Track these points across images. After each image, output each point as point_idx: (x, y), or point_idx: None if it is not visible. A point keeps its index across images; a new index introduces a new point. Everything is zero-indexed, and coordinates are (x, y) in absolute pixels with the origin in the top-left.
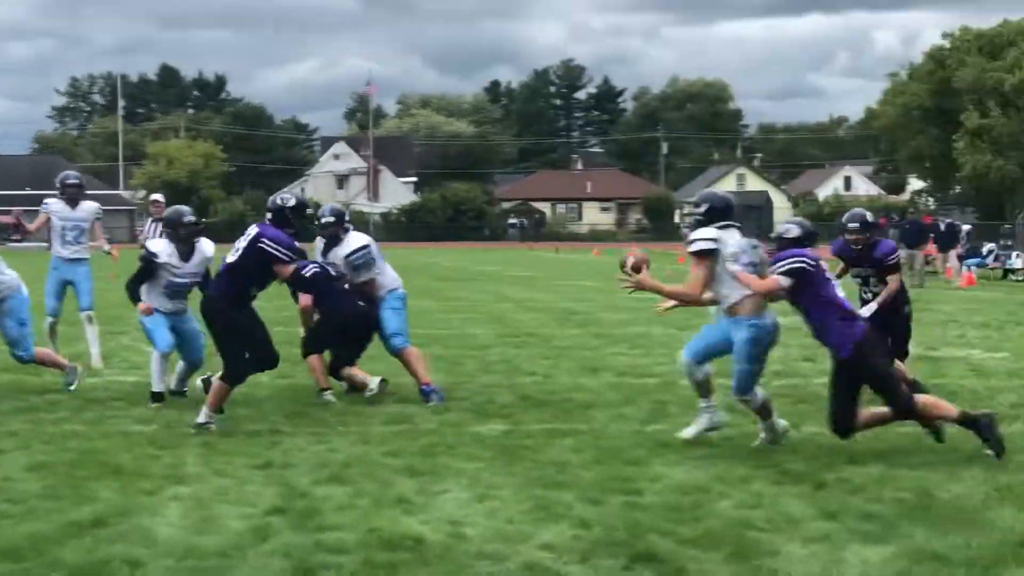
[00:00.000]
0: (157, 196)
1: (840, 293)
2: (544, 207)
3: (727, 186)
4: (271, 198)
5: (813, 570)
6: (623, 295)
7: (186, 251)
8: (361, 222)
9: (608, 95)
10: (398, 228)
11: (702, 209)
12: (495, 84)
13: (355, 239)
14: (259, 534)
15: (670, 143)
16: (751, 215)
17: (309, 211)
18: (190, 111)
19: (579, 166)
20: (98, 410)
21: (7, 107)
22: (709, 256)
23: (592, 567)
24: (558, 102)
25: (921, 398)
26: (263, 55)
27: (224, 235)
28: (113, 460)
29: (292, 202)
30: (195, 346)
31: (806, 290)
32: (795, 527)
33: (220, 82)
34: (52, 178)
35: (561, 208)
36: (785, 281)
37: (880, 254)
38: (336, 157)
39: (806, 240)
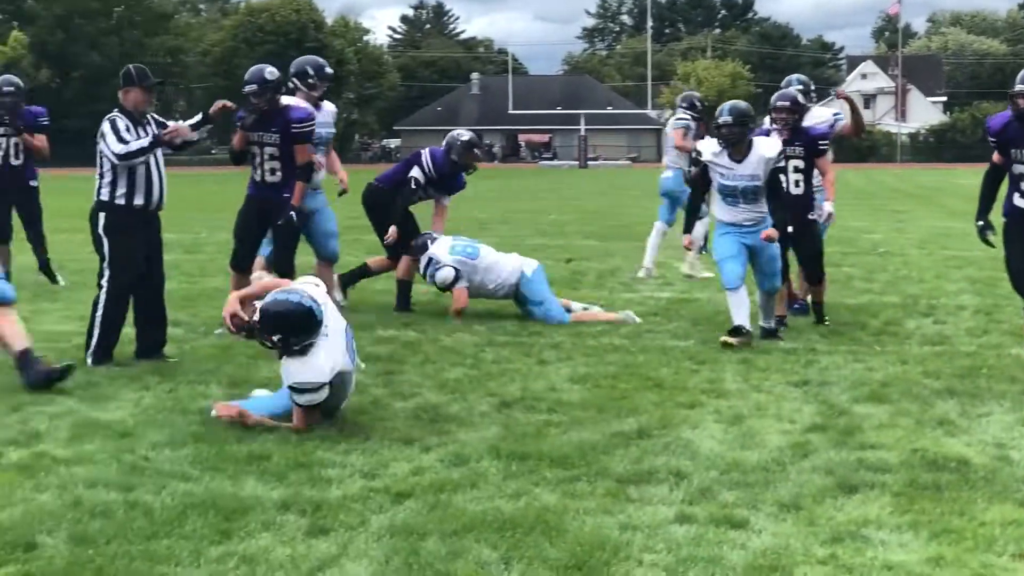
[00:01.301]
0: None
1: None
2: None
3: None
4: None
5: None
6: None
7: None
8: (888, 143)
9: None
10: (926, 148)
11: None
12: None
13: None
14: (799, 450)
15: None
16: None
17: None
18: (716, 31)
19: None
20: (636, 325)
21: (540, 29)
22: None
23: None
24: None
25: None
26: None
27: None
28: (653, 374)
29: None
30: (771, 271)
31: None
32: None
33: (747, 2)
34: (582, 98)
35: None
36: None
37: None
38: (863, 76)
39: None
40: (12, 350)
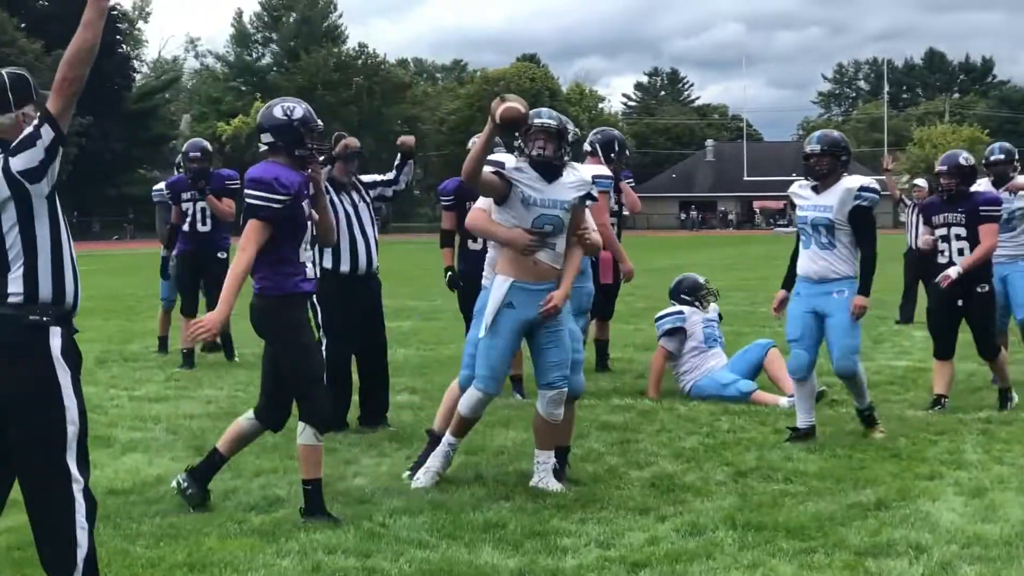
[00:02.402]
0: (919, 181)
1: None
2: None
3: None
4: None
5: None
6: None
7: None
8: None
9: None
10: None
11: None
12: None
13: None
14: None
15: None
16: None
17: None
18: (955, 95)
19: None
20: (873, 393)
21: (775, 95)
22: None
23: None
24: None
25: None
26: None
27: None
28: (891, 444)
29: None
30: (841, 350)
31: None
32: None
33: (987, 65)
34: None
35: None
36: None
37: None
38: None
39: None
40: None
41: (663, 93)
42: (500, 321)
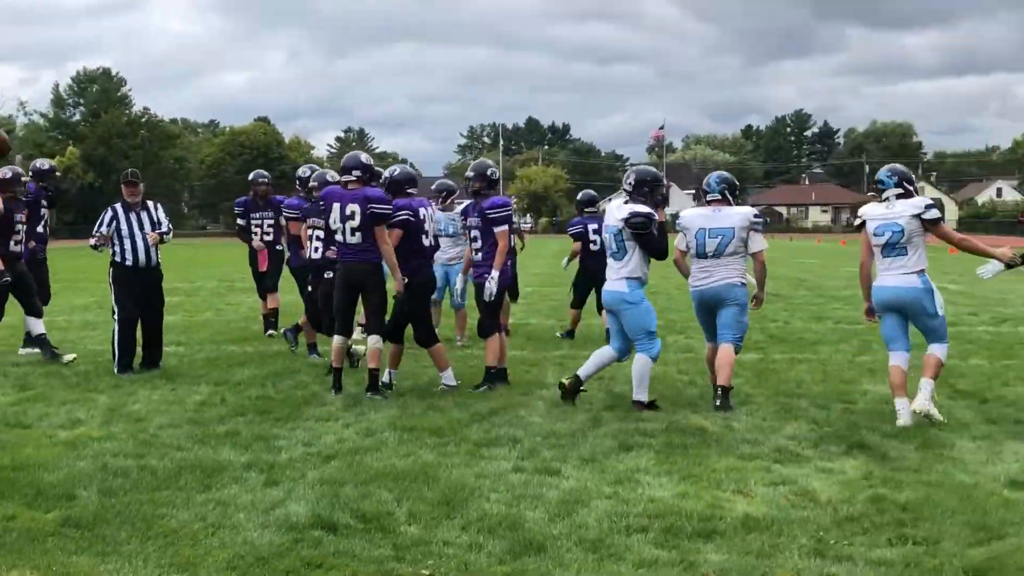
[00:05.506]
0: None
1: None
2: (781, 210)
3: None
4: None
5: (979, 458)
6: (839, 268)
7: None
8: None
9: (827, 133)
10: None
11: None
12: (748, 127)
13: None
14: (596, 422)
15: (871, 165)
16: None
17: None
18: (546, 147)
19: (806, 182)
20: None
21: (428, 146)
22: None
23: (822, 451)
24: (792, 138)
25: None
26: (595, 111)
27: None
28: (511, 372)
29: None
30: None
31: None
32: (966, 428)
33: (566, 129)
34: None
35: (794, 210)
36: None
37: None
38: None
39: None
40: None
41: (354, 144)
42: None
